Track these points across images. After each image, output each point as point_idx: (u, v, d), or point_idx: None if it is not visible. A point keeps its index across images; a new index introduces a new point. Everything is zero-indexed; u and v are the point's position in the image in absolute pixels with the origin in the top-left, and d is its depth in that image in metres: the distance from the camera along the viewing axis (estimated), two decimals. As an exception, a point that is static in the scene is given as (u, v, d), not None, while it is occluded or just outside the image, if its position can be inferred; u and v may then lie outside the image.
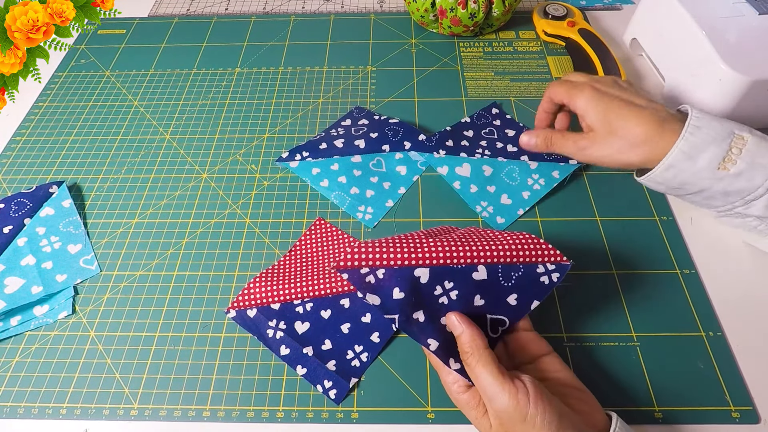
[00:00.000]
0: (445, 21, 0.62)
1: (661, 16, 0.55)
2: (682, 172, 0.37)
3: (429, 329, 0.33)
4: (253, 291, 0.42)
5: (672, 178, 0.38)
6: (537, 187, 0.48)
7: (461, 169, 0.49)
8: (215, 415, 0.38)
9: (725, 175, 0.36)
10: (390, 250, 0.34)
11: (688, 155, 0.36)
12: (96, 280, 0.45)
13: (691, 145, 0.36)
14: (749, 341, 0.40)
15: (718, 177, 0.36)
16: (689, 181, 0.37)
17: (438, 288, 0.34)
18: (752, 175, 0.35)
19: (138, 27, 0.70)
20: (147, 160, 0.54)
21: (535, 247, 0.36)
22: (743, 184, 0.36)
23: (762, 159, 0.35)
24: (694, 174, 0.37)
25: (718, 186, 0.37)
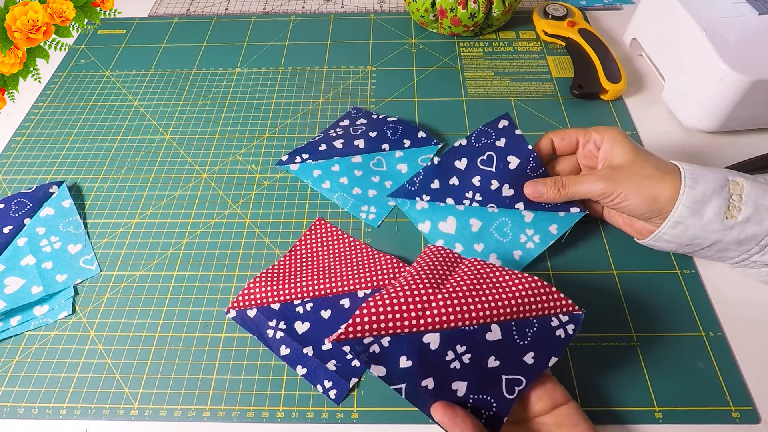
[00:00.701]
0: (445, 21, 0.62)
1: (661, 16, 0.55)
2: (690, 227, 0.37)
3: (438, 397, 0.31)
4: (253, 291, 0.42)
5: (681, 234, 0.37)
6: (530, 245, 0.43)
7: (445, 225, 0.44)
8: (215, 415, 0.38)
9: (734, 223, 0.36)
10: (395, 313, 0.31)
11: (693, 210, 0.36)
12: (96, 280, 0.45)
13: (692, 199, 0.36)
14: (749, 341, 0.40)
15: (728, 227, 0.36)
16: (699, 236, 0.37)
17: (449, 353, 0.31)
18: (760, 218, 0.35)
19: (138, 27, 0.70)
20: (147, 160, 0.54)
21: (548, 298, 0.34)
22: (754, 229, 0.36)
23: (764, 200, 0.35)
24: (703, 228, 0.36)
25: (730, 236, 0.36)
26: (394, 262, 0.43)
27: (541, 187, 0.42)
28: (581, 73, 0.58)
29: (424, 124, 0.56)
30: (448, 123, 0.55)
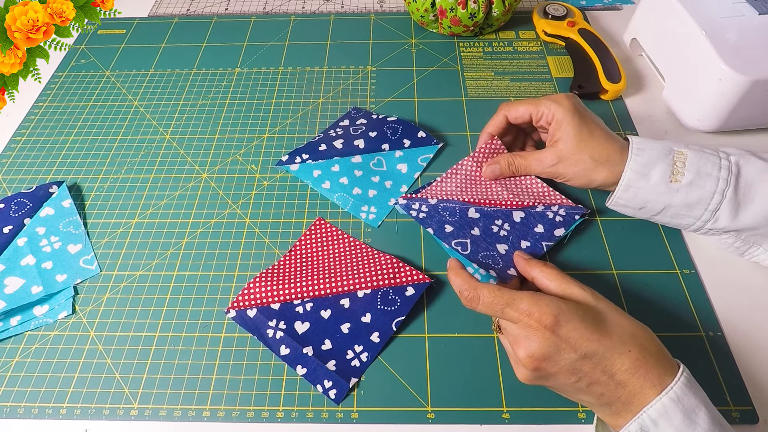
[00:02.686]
0: (445, 21, 0.62)
1: (661, 16, 0.55)
2: (640, 190, 0.40)
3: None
4: (253, 291, 0.42)
5: (633, 197, 0.41)
6: None
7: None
8: (215, 415, 0.38)
9: (679, 187, 0.39)
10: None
11: (640, 173, 0.40)
12: (96, 280, 0.45)
13: (639, 164, 0.40)
14: (749, 341, 0.40)
15: (673, 189, 0.39)
16: (649, 199, 0.40)
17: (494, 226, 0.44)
18: (702, 183, 0.38)
19: (138, 27, 0.70)
20: (147, 160, 0.54)
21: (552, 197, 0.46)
22: (698, 192, 0.38)
23: (705, 168, 0.38)
24: (651, 190, 0.40)
25: (677, 199, 0.39)
26: (394, 262, 0.43)
27: (495, 166, 0.47)
28: (581, 73, 0.58)
29: (424, 124, 0.56)
30: (448, 123, 0.55)
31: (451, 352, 0.40)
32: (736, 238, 0.40)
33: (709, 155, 0.39)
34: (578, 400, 0.34)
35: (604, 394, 0.31)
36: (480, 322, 0.41)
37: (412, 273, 0.43)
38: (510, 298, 0.33)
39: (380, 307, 0.41)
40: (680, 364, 0.31)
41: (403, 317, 0.40)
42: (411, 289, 0.41)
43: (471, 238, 0.44)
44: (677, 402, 0.29)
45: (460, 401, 0.38)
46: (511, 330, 0.33)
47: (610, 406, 0.32)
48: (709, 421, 0.29)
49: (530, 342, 0.32)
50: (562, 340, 0.31)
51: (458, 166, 0.50)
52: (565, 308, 0.32)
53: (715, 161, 0.39)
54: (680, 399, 0.30)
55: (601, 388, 0.31)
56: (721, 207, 0.38)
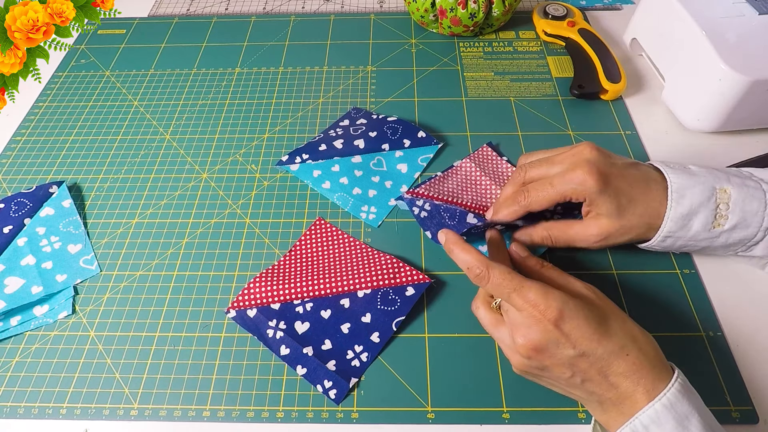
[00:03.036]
0: (445, 21, 0.62)
1: (661, 16, 0.55)
2: (679, 239, 0.38)
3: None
4: (253, 291, 0.42)
5: (671, 245, 0.39)
6: None
7: None
8: (215, 415, 0.38)
9: (721, 231, 0.37)
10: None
11: (681, 224, 0.37)
12: (96, 280, 0.45)
13: (680, 214, 0.37)
14: (749, 341, 0.40)
15: (714, 235, 0.37)
16: (689, 245, 0.39)
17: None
18: (747, 224, 0.36)
19: (138, 27, 0.70)
20: (147, 160, 0.54)
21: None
22: (741, 234, 0.37)
23: (750, 207, 0.36)
24: (691, 239, 0.38)
25: (718, 242, 0.38)
26: (394, 262, 0.43)
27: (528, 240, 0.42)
28: (581, 73, 0.58)
29: (424, 124, 0.56)
30: (448, 123, 0.55)
31: (451, 352, 0.40)
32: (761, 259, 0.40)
33: (754, 190, 0.36)
34: (568, 394, 0.34)
35: (595, 392, 0.31)
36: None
37: (412, 273, 0.43)
38: (519, 285, 0.32)
39: (380, 307, 0.41)
40: (675, 369, 0.31)
41: (403, 317, 0.40)
42: (411, 289, 0.41)
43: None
44: (670, 408, 0.29)
45: (460, 401, 0.38)
46: (513, 316, 0.33)
47: (600, 404, 0.32)
48: (701, 427, 0.29)
49: (530, 331, 0.32)
50: (563, 335, 0.31)
51: (456, 168, 0.50)
52: (571, 305, 0.32)
53: (760, 197, 0.36)
54: (673, 405, 0.29)
55: (593, 386, 0.31)
56: (760, 243, 0.37)
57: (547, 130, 0.54)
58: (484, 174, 0.49)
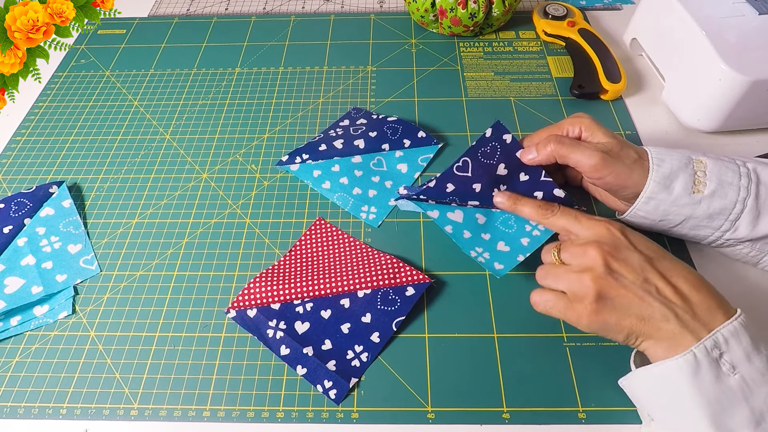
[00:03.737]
0: (445, 21, 0.62)
1: (661, 16, 0.55)
2: (661, 202, 0.39)
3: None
4: (253, 291, 0.42)
5: (653, 209, 0.40)
6: (536, 233, 0.42)
7: (453, 215, 0.43)
8: (215, 415, 0.38)
9: (701, 197, 0.38)
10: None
11: (663, 185, 0.39)
12: (96, 280, 0.45)
13: (662, 175, 0.39)
14: (749, 341, 0.40)
15: (695, 200, 0.38)
16: (671, 211, 0.39)
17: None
18: (725, 193, 0.38)
19: (138, 27, 0.70)
20: (147, 160, 0.54)
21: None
22: (720, 202, 0.38)
23: (726, 176, 0.38)
24: (674, 202, 0.39)
25: (700, 210, 0.39)
26: (394, 262, 0.43)
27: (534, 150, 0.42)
28: (581, 73, 0.58)
29: (424, 124, 0.56)
30: (448, 123, 0.55)
31: (451, 352, 0.40)
32: (752, 248, 0.40)
33: (728, 163, 0.39)
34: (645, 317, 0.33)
35: (671, 301, 0.32)
36: (480, 322, 0.41)
37: (412, 273, 0.43)
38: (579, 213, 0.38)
39: (380, 307, 0.41)
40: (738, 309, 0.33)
41: (403, 317, 0.40)
42: (411, 289, 0.41)
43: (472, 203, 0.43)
44: (746, 327, 0.31)
45: (460, 401, 0.38)
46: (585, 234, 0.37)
47: (677, 319, 0.32)
48: None
49: (602, 238, 0.35)
50: (630, 242, 0.35)
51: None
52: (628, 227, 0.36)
53: (734, 169, 0.38)
54: (747, 326, 0.31)
55: (668, 292, 0.33)
56: (741, 216, 0.38)
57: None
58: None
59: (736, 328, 0.31)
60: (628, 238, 0.35)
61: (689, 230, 0.40)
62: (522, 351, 0.40)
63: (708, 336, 0.31)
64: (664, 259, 0.34)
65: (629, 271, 0.34)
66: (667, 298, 0.33)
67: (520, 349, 0.40)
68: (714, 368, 0.30)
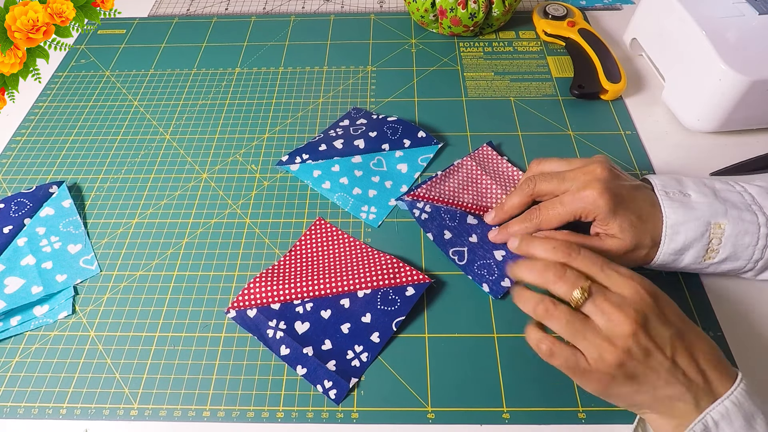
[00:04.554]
0: (445, 21, 0.62)
1: (661, 16, 0.55)
2: (668, 265, 0.39)
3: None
4: (253, 291, 0.42)
5: (658, 267, 0.40)
6: None
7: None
8: (215, 415, 0.38)
9: (711, 263, 0.38)
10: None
11: (672, 259, 0.39)
12: (96, 280, 0.45)
13: (672, 250, 0.38)
14: (749, 341, 0.40)
15: (704, 266, 0.39)
16: (678, 269, 0.40)
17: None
18: (737, 257, 0.38)
19: (138, 27, 0.70)
20: (147, 160, 0.54)
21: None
22: (730, 265, 0.39)
23: (742, 241, 0.37)
24: (682, 269, 0.40)
25: (707, 270, 0.40)
26: (394, 262, 0.43)
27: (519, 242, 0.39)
28: (581, 73, 0.58)
29: (424, 124, 0.56)
30: (448, 123, 0.55)
31: (451, 352, 0.40)
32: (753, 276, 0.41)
33: (749, 225, 0.36)
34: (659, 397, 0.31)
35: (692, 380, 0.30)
36: (480, 322, 0.41)
37: (412, 273, 0.43)
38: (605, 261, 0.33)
39: (380, 307, 0.41)
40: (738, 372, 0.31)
41: (403, 317, 0.40)
42: (411, 289, 0.41)
43: (468, 246, 0.44)
44: (739, 406, 0.29)
45: (460, 401, 0.38)
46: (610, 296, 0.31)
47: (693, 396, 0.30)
48: (765, 427, 0.29)
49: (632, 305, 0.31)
50: (661, 311, 0.31)
51: (456, 167, 0.50)
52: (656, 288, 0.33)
53: (753, 231, 0.36)
54: (741, 404, 0.30)
55: (690, 371, 0.30)
56: (749, 272, 0.39)
57: (547, 130, 0.54)
58: (485, 173, 0.49)
59: (728, 408, 0.29)
60: (659, 305, 0.31)
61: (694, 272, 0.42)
62: (522, 351, 0.40)
63: (697, 420, 0.29)
64: (690, 331, 0.32)
65: (659, 350, 0.30)
66: (691, 380, 0.30)
67: (520, 349, 0.40)
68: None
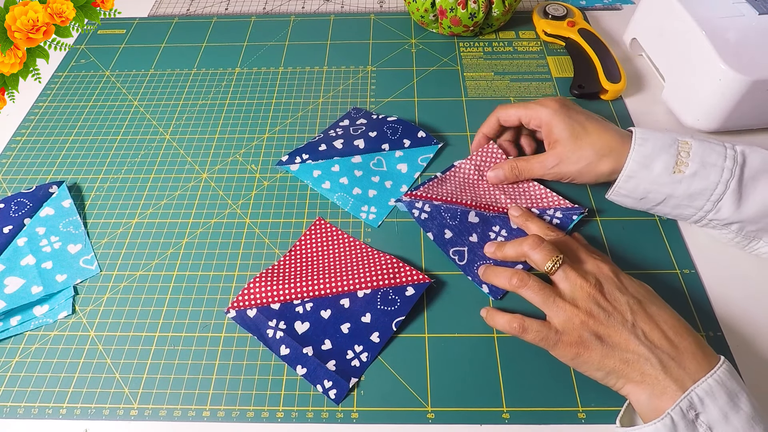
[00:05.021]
0: (445, 21, 0.62)
1: (661, 16, 0.55)
2: (642, 180, 0.40)
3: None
4: (253, 291, 0.42)
5: (634, 188, 0.41)
6: None
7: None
8: (215, 415, 0.38)
9: (682, 177, 0.39)
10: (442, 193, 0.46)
11: (643, 164, 0.40)
12: (96, 280, 0.45)
13: (642, 154, 0.40)
14: (749, 341, 0.40)
15: (676, 180, 0.39)
16: (651, 189, 0.40)
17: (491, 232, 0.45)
18: (706, 174, 0.38)
19: (138, 27, 0.70)
20: (147, 160, 0.54)
21: (550, 200, 0.47)
22: (701, 183, 0.38)
23: (710, 158, 0.38)
24: (654, 181, 0.40)
25: (680, 189, 0.39)
26: (394, 262, 0.43)
27: (500, 171, 0.47)
28: (581, 73, 0.58)
29: (424, 124, 0.56)
30: (448, 123, 0.55)
31: (451, 352, 0.40)
32: (737, 233, 0.41)
33: (715, 145, 0.39)
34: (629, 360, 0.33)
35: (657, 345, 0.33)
36: (480, 322, 0.41)
37: (412, 273, 0.43)
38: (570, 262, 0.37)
39: (380, 307, 0.41)
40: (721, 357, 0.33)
41: (403, 317, 0.40)
42: (411, 289, 0.41)
43: (468, 245, 0.44)
44: (722, 384, 0.31)
45: (460, 401, 0.38)
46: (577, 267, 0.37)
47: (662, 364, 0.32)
48: (749, 405, 0.30)
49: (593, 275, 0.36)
50: (621, 283, 0.35)
51: (456, 169, 0.50)
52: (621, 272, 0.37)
53: (720, 151, 0.39)
54: (724, 382, 0.31)
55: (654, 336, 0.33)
56: (723, 198, 0.39)
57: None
58: (482, 177, 0.49)
59: (711, 386, 0.30)
60: (618, 279, 0.36)
61: (671, 209, 0.41)
62: (522, 351, 0.40)
63: (683, 396, 0.30)
64: (653, 303, 0.35)
65: (618, 312, 0.34)
66: (653, 343, 0.33)
67: (520, 349, 0.40)
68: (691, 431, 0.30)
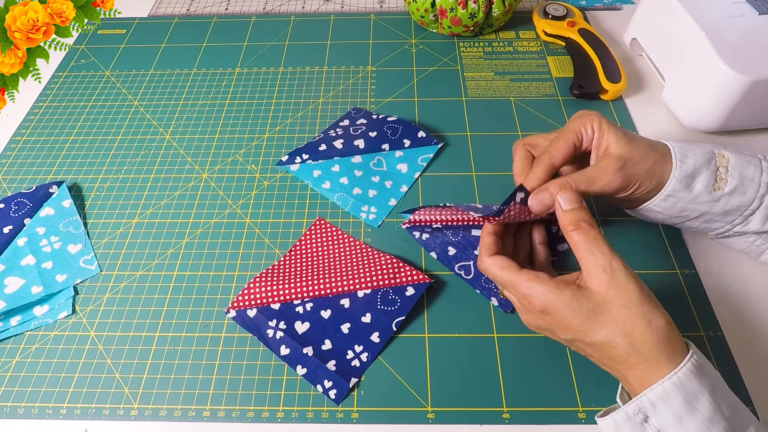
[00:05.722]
0: (445, 21, 0.62)
1: (661, 16, 0.55)
2: (680, 200, 0.38)
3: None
4: (253, 291, 0.42)
5: (671, 206, 0.38)
6: None
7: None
8: (215, 415, 0.38)
9: (721, 195, 0.37)
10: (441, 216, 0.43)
11: (684, 183, 0.37)
12: (96, 280, 0.45)
13: (683, 173, 0.37)
14: (749, 341, 0.40)
15: (714, 198, 0.37)
16: (688, 208, 0.38)
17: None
18: (744, 189, 0.37)
19: (138, 27, 0.70)
20: (147, 160, 0.54)
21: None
22: (739, 199, 0.37)
23: (747, 172, 0.37)
24: (693, 200, 0.38)
25: (717, 207, 0.38)
26: (394, 262, 0.43)
27: (545, 196, 0.37)
28: (581, 73, 0.58)
29: (424, 124, 0.56)
30: (448, 123, 0.55)
31: (451, 352, 0.40)
32: (757, 236, 0.40)
33: (750, 157, 0.38)
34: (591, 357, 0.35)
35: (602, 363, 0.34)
36: (480, 322, 0.41)
37: (412, 273, 0.43)
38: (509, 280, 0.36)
39: (380, 307, 0.41)
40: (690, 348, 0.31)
41: (403, 317, 0.40)
42: (411, 289, 0.41)
43: (474, 259, 0.44)
44: (679, 387, 0.29)
45: (460, 401, 0.38)
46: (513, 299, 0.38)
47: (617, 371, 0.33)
48: (711, 408, 0.29)
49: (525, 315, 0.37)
50: (553, 321, 0.34)
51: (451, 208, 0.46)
52: (554, 300, 0.33)
53: (756, 164, 0.37)
54: (683, 384, 0.29)
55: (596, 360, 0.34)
56: (756, 212, 0.38)
57: (548, 131, 0.54)
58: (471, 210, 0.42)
59: (667, 390, 0.29)
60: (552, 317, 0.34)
61: (701, 224, 0.40)
62: (522, 351, 0.40)
63: (632, 401, 0.30)
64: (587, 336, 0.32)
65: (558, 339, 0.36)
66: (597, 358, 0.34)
67: (520, 349, 0.40)
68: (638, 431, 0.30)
